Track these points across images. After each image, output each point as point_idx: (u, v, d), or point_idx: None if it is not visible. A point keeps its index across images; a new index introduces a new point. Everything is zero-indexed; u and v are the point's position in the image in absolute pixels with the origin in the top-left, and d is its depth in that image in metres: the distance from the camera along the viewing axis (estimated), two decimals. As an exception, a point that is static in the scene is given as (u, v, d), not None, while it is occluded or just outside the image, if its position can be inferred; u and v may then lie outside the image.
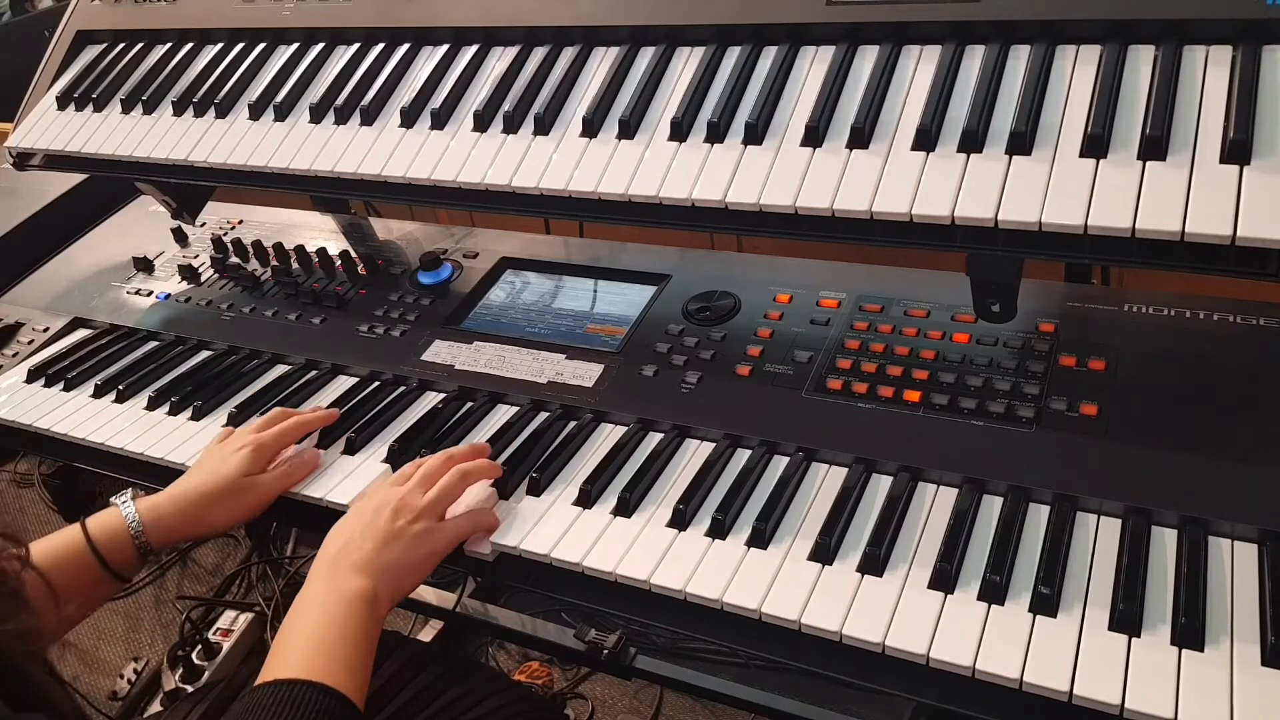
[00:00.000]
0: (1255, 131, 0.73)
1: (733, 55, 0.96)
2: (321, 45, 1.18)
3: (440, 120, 1.04)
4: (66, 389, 1.24)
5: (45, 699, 0.71)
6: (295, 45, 1.20)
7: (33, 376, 1.27)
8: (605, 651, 1.39)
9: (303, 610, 0.82)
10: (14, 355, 1.35)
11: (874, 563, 0.80)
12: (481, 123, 1.01)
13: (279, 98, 1.14)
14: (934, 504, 0.86)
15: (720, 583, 0.81)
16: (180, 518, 0.96)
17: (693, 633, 0.82)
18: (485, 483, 0.95)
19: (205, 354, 1.27)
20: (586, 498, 0.92)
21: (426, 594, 1.65)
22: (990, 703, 0.72)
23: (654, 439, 0.99)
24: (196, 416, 1.14)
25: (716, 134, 0.90)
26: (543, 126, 0.98)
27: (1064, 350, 0.95)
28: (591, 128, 0.96)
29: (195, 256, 1.45)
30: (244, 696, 0.75)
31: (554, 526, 0.90)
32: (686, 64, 0.97)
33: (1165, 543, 0.78)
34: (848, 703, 1.40)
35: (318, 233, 1.46)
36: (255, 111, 1.15)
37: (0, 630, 0.65)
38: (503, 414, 1.07)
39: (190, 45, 1.27)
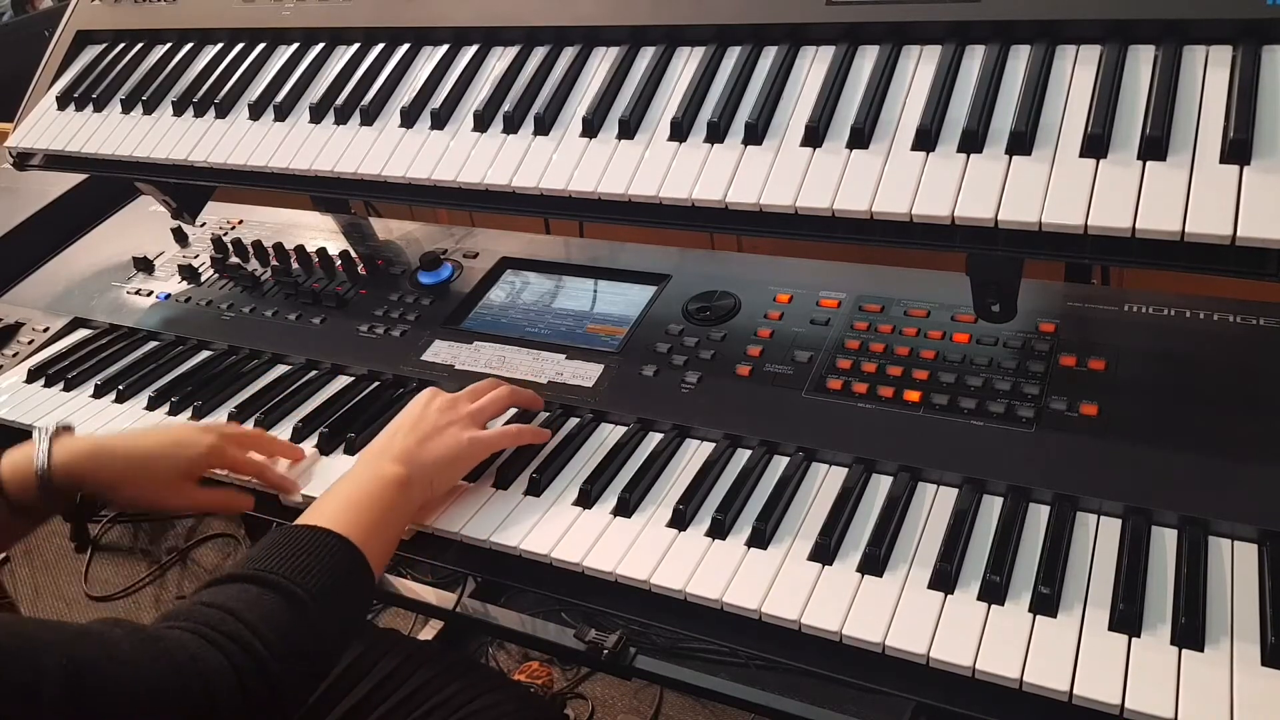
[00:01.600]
0: (1255, 131, 0.73)
1: (733, 55, 0.96)
2: (321, 45, 1.18)
3: (440, 120, 1.04)
4: (66, 389, 1.24)
5: None
6: (295, 45, 1.20)
7: (33, 376, 1.27)
8: (605, 651, 1.39)
9: (344, 483, 0.88)
10: (14, 355, 1.35)
11: (874, 563, 0.81)
12: (481, 123, 1.01)
13: (279, 98, 1.14)
14: (934, 504, 0.86)
15: (720, 583, 0.81)
16: (91, 467, 0.93)
17: (693, 633, 0.82)
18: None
19: (205, 354, 1.27)
20: (586, 498, 0.92)
21: (426, 594, 1.65)
22: (990, 703, 0.72)
23: (654, 439, 0.99)
24: (196, 416, 1.14)
25: (716, 134, 0.90)
26: (543, 126, 0.98)
27: (1064, 350, 0.95)
28: (591, 128, 0.96)
29: (195, 256, 1.45)
30: (277, 532, 0.80)
31: (554, 526, 0.90)
32: (686, 64, 0.97)
33: (1165, 543, 0.78)
34: (848, 703, 1.40)
35: (318, 233, 1.46)
36: (255, 111, 1.15)
37: None
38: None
39: (190, 45, 1.27)
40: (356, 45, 1.16)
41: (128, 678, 0.62)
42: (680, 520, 0.88)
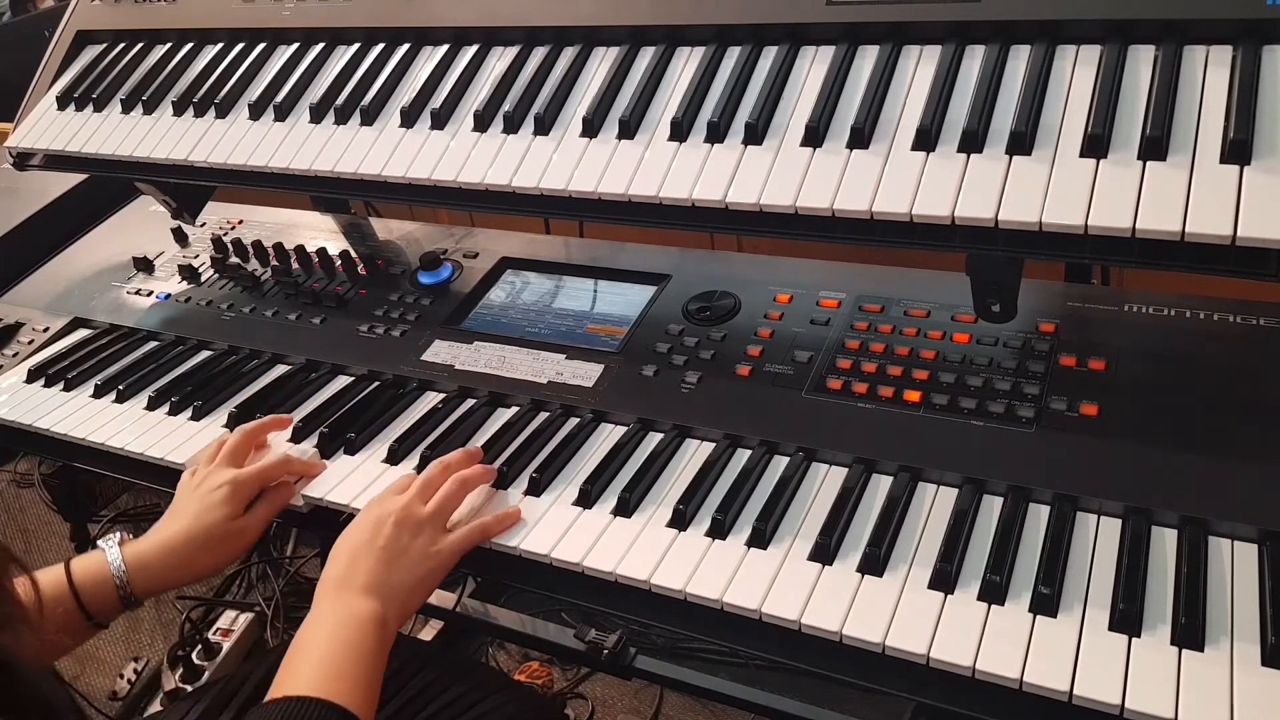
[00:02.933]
0: (1255, 131, 0.73)
1: (733, 55, 0.95)
2: (321, 45, 1.18)
3: (440, 120, 1.04)
4: (66, 389, 1.24)
5: (37, 700, 0.70)
6: (295, 45, 1.20)
7: (33, 376, 1.27)
8: (605, 651, 1.39)
9: (313, 630, 0.81)
10: (14, 355, 1.35)
11: (874, 563, 0.80)
12: (481, 123, 1.01)
13: (279, 98, 1.14)
14: (934, 504, 0.86)
15: (720, 583, 0.81)
16: (165, 567, 0.93)
17: (693, 633, 0.82)
18: (483, 487, 0.95)
19: (205, 354, 1.27)
20: (586, 498, 0.92)
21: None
22: (990, 703, 0.72)
23: (654, 439, 0.99)
24: (196, 416, 1.14)
25: (716, 134, 0.90)
26: (543, 126, 0.98)
27: (1064, 350, 0.95)
28: (591, 128, 0.96)
29: (195, 256, 1.45)
30: (253, 713, 0.75)
31: (554, 526, 0.90)
32: (686, 64, 0.97)
33: (1165, 543, 0.78)
34: (848, 703, 1.40)
35: (318, 233, 1.46)
36: (255, 111, 1.15)
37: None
38: (503, 414, 1.07)
39: (190, 45, 1.27)
40: (356, 45, 1.16)
41: None
42: (680, 520, 0.88)
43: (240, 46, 1.23)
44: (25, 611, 0.65)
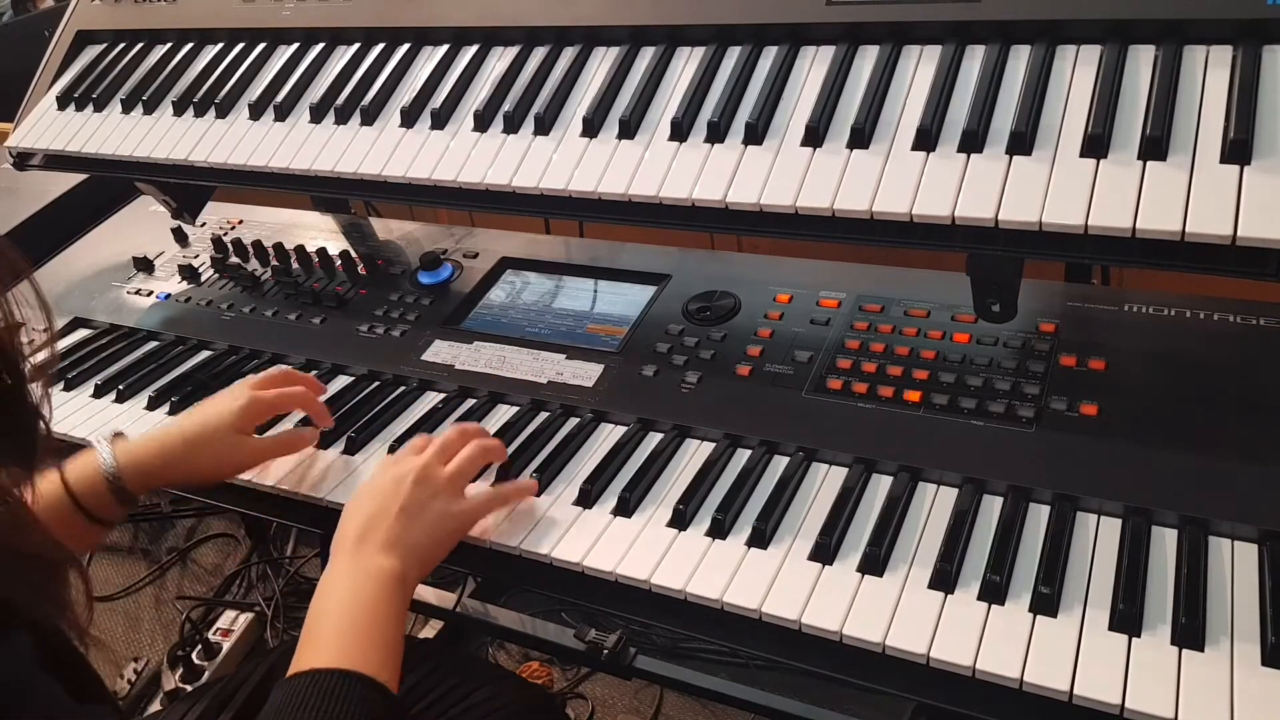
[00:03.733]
0: (1255, 131, 0.73)
1: (733, 55, 0.96)
2: (321, 45, 1.18)
3: (440, 120, 1.04)
4: (67, 389, 1.24)
5: (104, 693, 0.70)
6: (295, 45, 1.20)
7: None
8: (605, 651, 1.39)
9: (331, 591, 0.79)
10: (14, 355, 1.35)
11: (874, 563, 0.81)
12: (482, 123, 1.01)
13: (279, 98, 1.14)
14: (934, 504, 0.86)
15: (720, 583, 0.81)
16: (159, 463, 0.93)
17: (693, 633, 0.82)
18: (485, 484, 0.95)
19: (205, 354, 1.27)
20: (586, 498, 0.92)
21: (426, 594, 1.65)
22: (990, 703, 0.72)
23: (654, 439, 0.99)
24: (196, 416, 1.14)
25: (717, 134, 0.90)
26: (543, 126, 0.98)
27: (1064, 350, 0.96)
28: (592, 128, 0.96)
29: (195, 256, 1.45)
30: (280, 686, 0.73)
31: (554, 526, 0.90)
32: (687, 64, 0.97)
33: (1165, 543, 0.78)
34: (848, 703, 1.40)
35: (318, 233, 1.46)
36: (255, 111, 1.15)
37: (44, 604, 0.64)
38: (503, 414, 1.07)
39: (190, 45, 1.27)
40: (356, 45, 1.16)
41: None
42: (680, 520, 0.88)
43: (240, 46, 1.23)
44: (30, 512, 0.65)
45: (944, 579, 0.78)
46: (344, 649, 0.73)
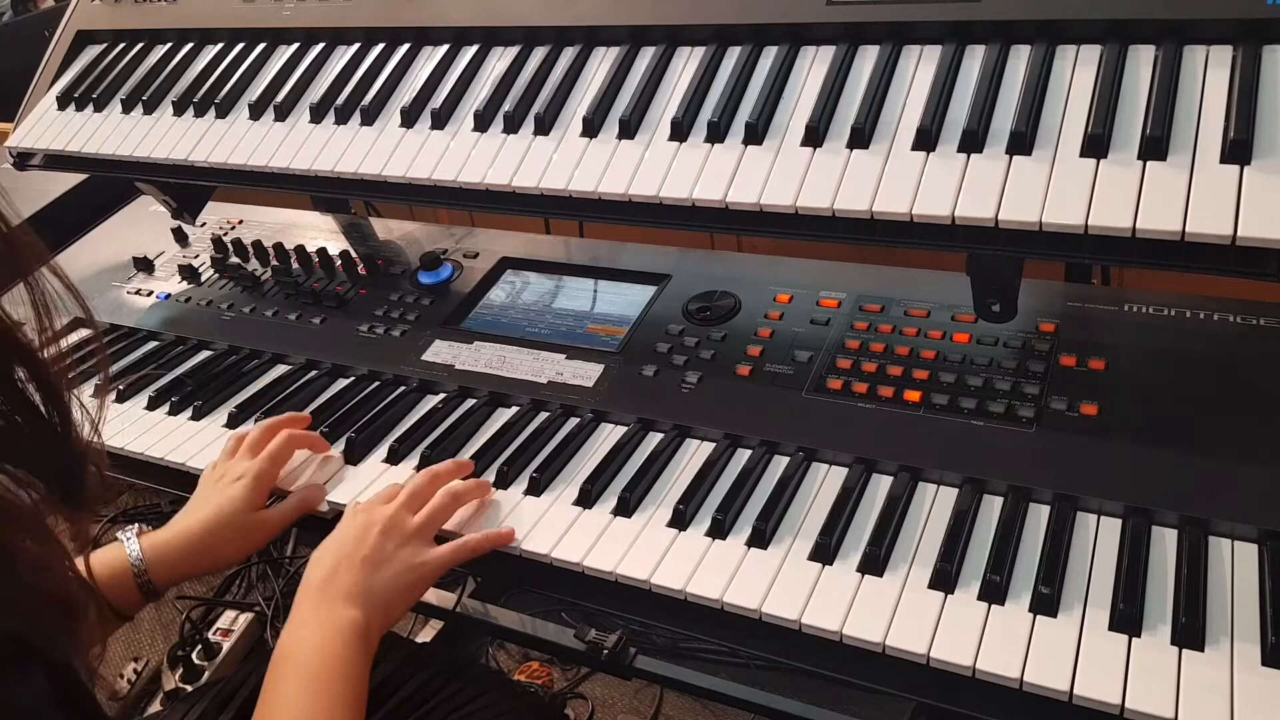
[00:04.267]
0: (1255, 131, 0.73)
1: (733, 55, 0.95)
2: (321, 45, 1.18)
3: (440, 120, 1.04)
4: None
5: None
6: (295, 45, 1.20)
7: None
8: (605, 651, 1.39)
9: (292, 645, 0.79)
10: (14, 355, 1.35)
11: (874, 562, 0.80)
12: (482, 123, 1.01)
13: (279, 98, 1.14)
14: (934, 504, 0.86)
15: (720, 583, 0.81)
16: (184, 556, 0.93)
17: (693, 633, 0.82)
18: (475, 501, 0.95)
19: (205, 354, 1.27)
20: (586, 498, 0.92)
21: (426, 594, 1.65)
22: (990, 703, 0.72)
23: (654, 439, 0.99)
24: (197, 416, 1.14)
25: (717, 134, 0.90)
26: (543, 126, 0.98)
27: (1064, 350, 0.95)
28: (592, 128, 0.96)
29: (195, 256, 1.45)
30: None
31: (554, 526, 0.90)
32: (687, 64, 0.97)
33: (1165, 543, 0.78)
34: (848, 703, 1.40)
35: (318, 233, 1.46)
36: (255, 111, 1.15)
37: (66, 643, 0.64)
38: (503, 414, 1.07)
39: (190, 45, 1.27)
40: (356, 45, 1.16)
41: None
42: (680, 520, 0.88)
43: (240, 46, 1.23)
44: (64, 552, 0.64)
45: (944, 579, 0.78)
46: (310, 704, 0.74)
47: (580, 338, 1.14)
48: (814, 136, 0.86)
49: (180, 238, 1.50)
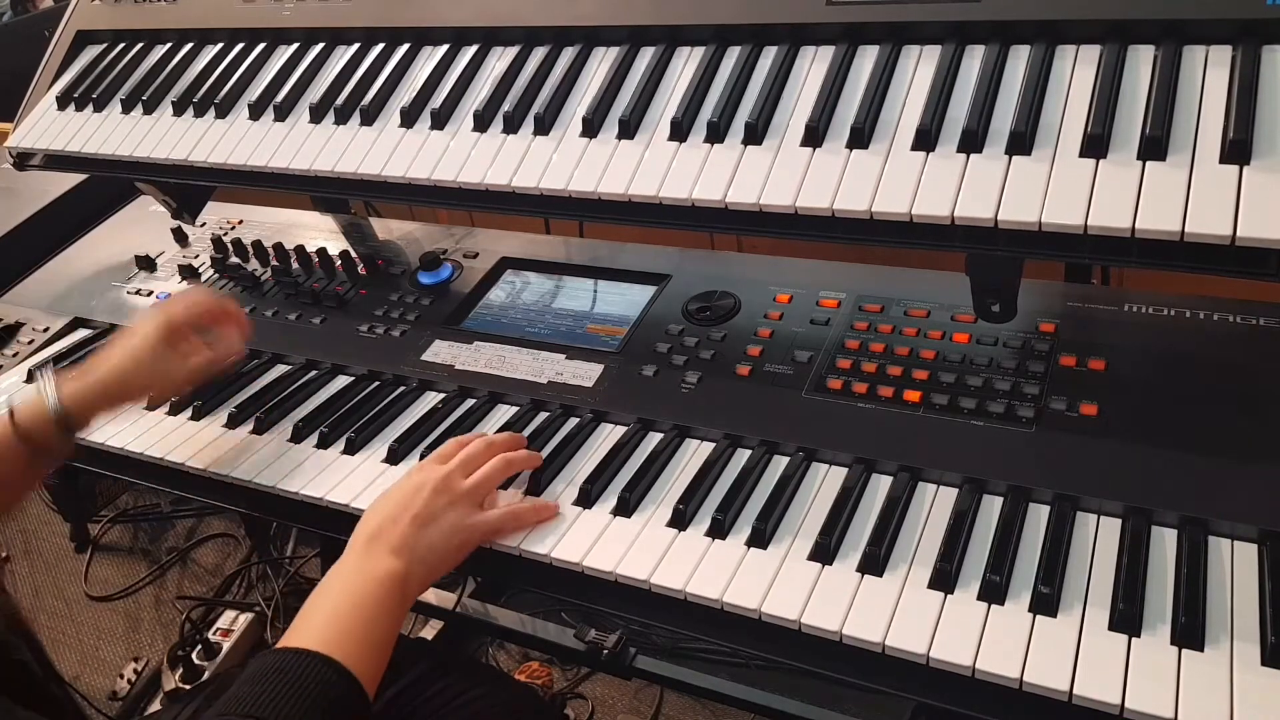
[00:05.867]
0: (1255, 131, 0.73)
1: (733, 55, 0.96)
2: (321, 45, 1.18)
3: (440, 120, 1.04)
4: (66, 389, 1.24)
5: (46, 698, 0.70)
6: (295, 45, 1.20)
7: (33, 377, 1.27)
8: (605, 651, 1.39)
9: (331, 582, 0.82)
10: (14, 355, 1.35)
11: (874, 562, 0.81)
12: (481, 123, 1.01)
13: (279, 98, 1.14)
14: (934, 504, 0.86)
15: (720, 583, 0.81)
16: (99, 390, 0.99)
17: (693, 633, 0.82)
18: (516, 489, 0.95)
19: (205, 354, 1.27)
20: (586, 498, 0.92)
21: (426, 594, 1.65)
22: (990, 703, 0.72)
23: (654, 439, 0.99)
24: (196, 416, 1.14)
25: (716, 134, 0.90)
26: (543, 126, 0.98)
27: (1064, 350, 0.95)
28: (591, 128, 0.96)
29: (195, 256, 1.45)
30: (259, 657, 0.76)
31: (554, 526, 0.90)
32: (686, 64, 0.97)
33: (1165, 543, 0.78)
34: (848, 703, 1.40)
35: (318, 233, 1.46)
36: (255, 112, 1.15)
37: None
38: (503, 414, 1.07)
39: (190, 45, 1.27)
40: (356, 45, 1.16)
41: None
42: (680, 520, 0.88)
43: (240, 46, 1.23)
44: None
45: (944, 579, 0.78)
46: (325, 635, 0.76)
47: (580, 338, 1.14)
48: (814, 136, 0.86)
49: (180, 238, 1.50)
